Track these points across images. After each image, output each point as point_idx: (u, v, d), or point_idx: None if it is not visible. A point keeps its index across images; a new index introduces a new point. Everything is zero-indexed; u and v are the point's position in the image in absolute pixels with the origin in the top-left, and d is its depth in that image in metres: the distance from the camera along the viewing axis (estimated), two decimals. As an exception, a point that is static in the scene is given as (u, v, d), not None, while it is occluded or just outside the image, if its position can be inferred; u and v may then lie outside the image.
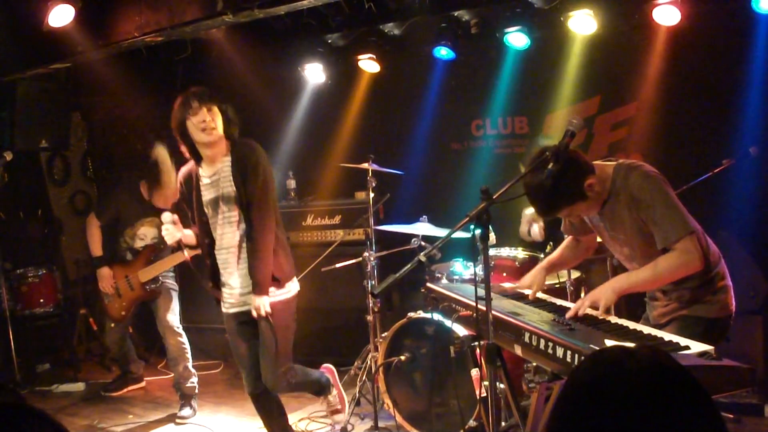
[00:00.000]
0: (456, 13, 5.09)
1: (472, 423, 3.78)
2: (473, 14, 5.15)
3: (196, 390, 4.90)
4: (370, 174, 4.53)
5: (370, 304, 4.44)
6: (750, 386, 3.41)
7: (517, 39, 5.01)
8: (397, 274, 2.54)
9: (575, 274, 4.25)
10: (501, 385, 2.92)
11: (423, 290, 3.51)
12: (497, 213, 2.60)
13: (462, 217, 2.44)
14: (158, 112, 5.58)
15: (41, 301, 5.77)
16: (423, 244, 4.26)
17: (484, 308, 2.39)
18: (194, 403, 4.87)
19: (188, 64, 5.95)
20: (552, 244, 4.14)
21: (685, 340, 2.32)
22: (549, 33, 5.06)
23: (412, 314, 4.13)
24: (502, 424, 3.47)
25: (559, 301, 3.07)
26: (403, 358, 4.11)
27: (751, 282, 4.19)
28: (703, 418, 1.13)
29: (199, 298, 5.11)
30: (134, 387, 5.47)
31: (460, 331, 3.58)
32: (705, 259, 2.65)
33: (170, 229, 3.63)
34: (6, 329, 5.35)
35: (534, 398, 2.20)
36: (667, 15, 4.45)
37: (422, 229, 4.36)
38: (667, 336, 2.40)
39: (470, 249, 3.70)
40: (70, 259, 6.78)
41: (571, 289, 4.09)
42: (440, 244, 2.64)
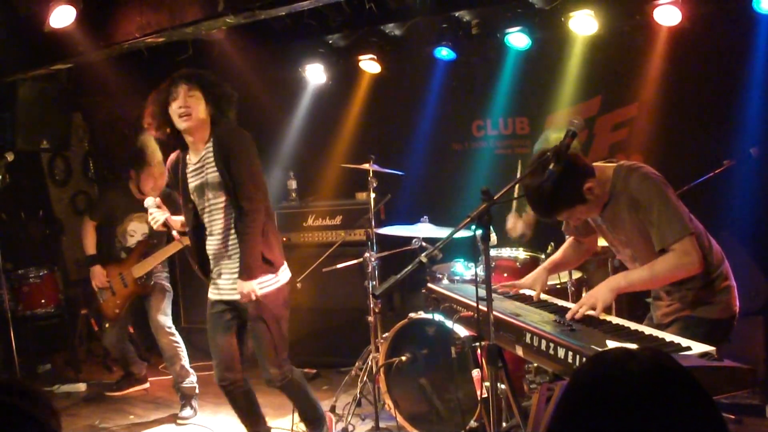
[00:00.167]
0: (457, 14, 5.09)
1: (473, 424, 3.78)
2: (474, 15, 5.14)
3: (196, 390, 4.89)
4: (371, 174, 4.52)
5: (371, 305, 4.44)
6: (751, 387, 3.40)
7: (517, 39, 5.02)
8: (399, 275, 2.53)
9: (576, 275, 4.24)
10: (502, 386, 2.92)
11: (424, 291, 3.49)
12: (498, 214, 2.60)
13: (463, 218, 2.44)
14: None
15: (42, 301, 5.78)
16: (424, 244, 4.26)
17: (485, 309, 2.38)
18: (195, 404, 4.86)
19: (189, 64, 5.93)
20: (553, 244, 4.14)
21: (687, 341, 2.32)
22: (550, 33, 5.06)
23: (413, 315, 4.13)
24: (503, 424, 3.47)
25: (561, 302, 3.06)
26: (404, 358, 4.10)
27: (752, 283, 4.18)
28: (705, 420, 1.13)
29: (199, 298, 5.09)
30: (138, 388, 5.46)
31: (461, 331, 3.58)
32: (705, 260, 2.65)
33: (155, 213, 3.63)
34: (7, 330, 5.34)
35: (535, 399, 2.19)
36: (667, 15, 4.45)
37: (423, 229, 4.37)
38: (669, 337, 2.40)
39: (471, 249, 3.71)
40: (71, 260, 6.79)
41: (572, 289, 4.08)
42: (441, 245, 2.64)
